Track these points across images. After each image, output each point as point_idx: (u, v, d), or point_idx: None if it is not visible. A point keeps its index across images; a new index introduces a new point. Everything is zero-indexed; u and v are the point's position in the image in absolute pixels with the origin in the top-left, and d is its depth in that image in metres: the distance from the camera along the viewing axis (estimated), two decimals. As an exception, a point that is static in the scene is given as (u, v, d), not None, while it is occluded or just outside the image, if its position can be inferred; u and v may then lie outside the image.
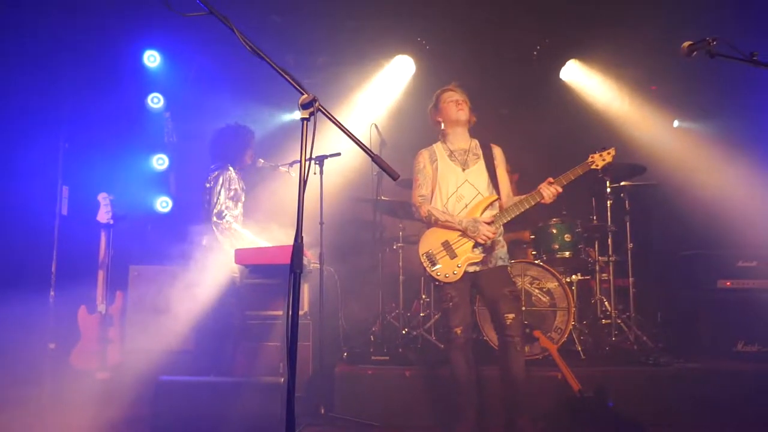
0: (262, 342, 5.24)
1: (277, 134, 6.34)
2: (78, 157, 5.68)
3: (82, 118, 5.76)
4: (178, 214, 6.49)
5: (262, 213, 5.41)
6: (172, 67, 6.59)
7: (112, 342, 5.38)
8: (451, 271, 3.85)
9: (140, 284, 5.59)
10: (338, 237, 5.94)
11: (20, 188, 5.28)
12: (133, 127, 6.50)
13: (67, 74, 5.70)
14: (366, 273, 6.15)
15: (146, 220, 6.48)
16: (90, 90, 5.88)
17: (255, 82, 6.11)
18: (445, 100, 4.07)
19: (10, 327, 4.85)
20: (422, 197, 4.02)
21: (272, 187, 5.89)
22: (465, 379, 3.84)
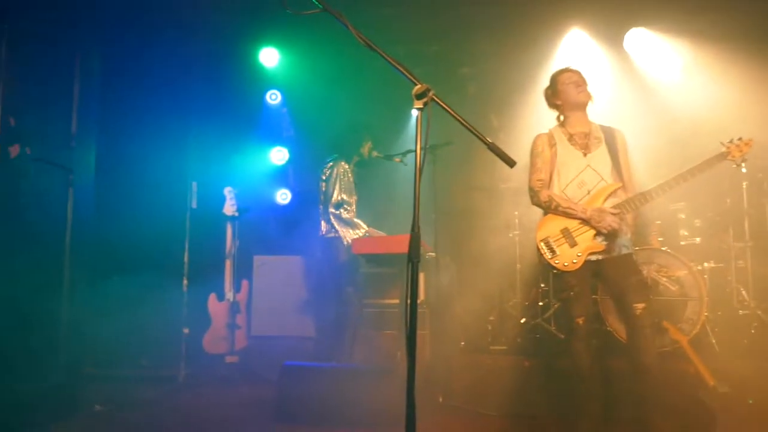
0: (379, 330, 5.35)
1: (389, 125, 6.41)
2: (205, 154, 6.02)
3: (207, 117, 6.10)
4: (298, 206, 6.74)
5: (377, 203, 5.50)
6: (289, 64, 6.82)
7: (239, 328, 5.69)
8: (570, 260, 3.71)
9: (264, 273, 5.87)
10: (453, 226, 5.92)
11: (156, 184, 5.69)
12: (254, 124, 6.82)
13: (193, 76, 6.05)
14: (482, 262, 6.09)
15: (268, 212, 6.78)
16: (213, 90, 6.22)
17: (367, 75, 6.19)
18: (564, 82, 3.88)
19: (149, 313, 5.26)
20: (541, 182, 3.88)
21: (386, 178, 5.98)
22: (587, 370, 3.70)
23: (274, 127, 6.94)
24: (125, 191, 5.62)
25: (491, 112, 5.74)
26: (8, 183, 3.77)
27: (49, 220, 4.31)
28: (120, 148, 5.54)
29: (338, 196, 4.83)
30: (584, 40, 6.38)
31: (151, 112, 5.76)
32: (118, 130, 5.48)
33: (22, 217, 3.98)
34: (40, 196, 4.21)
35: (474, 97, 6.68)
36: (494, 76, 6.56)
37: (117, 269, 5.22)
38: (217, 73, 6.31)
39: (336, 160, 4.96)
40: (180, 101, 5.93)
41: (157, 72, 5.85)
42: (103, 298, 4.83)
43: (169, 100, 5.86)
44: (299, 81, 6.71)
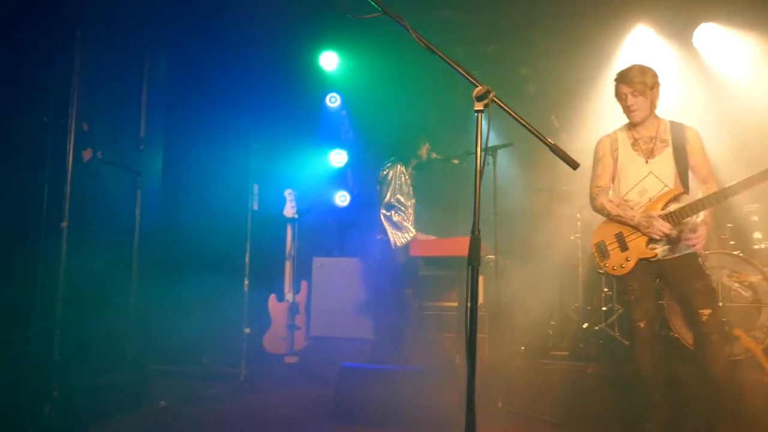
0: (438, 333, 5.34)
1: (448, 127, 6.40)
2: (266, 156, 6.15)
3: (268, 119, 6.23)
4: (357, 208, 6.80)
5: (436, 205, 5.50)
6: (349, 68, 6.90)
7: (298, 328, 5.78)
8: (619, 264, 3.65)
9: (323, 274, 5.94)
10: (514, 228, 5.87)
11: (219, 186, 5.84)
12: (314, 126, 6.92)
13: (255, 80, 6.19)
14: (542, 265, 6.01)
15: (327, 214, 6.87)
16: (274, 92, 6.35)
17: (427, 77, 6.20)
18: (619, 94, 3.78)
19: (213, 312, 5.40)
20: (599, 188, 3.83)
21: (445, 180, 5.97)
22: (651, 376, 3.61)
23: (334, 129, 7.02)
24: (189, 193, 5.77)
25: (552, 112, 5.66)
26: (81, 186, 3.93)
27: (118, 222, 4.48)
28: (185, 151, 5.69)
29: (390, 198, 4.86)
30: (650, 37, 6.22)
31: (214, 115, 5.92)
32: (183, 133, 5.63)
33: (93, 219, 4.15)
34: (110, 198, 4.38)
35: (534, 97, 6.60)
36: (555, 76, 6.47)
37: (181, 269, 5.37)
38: (279, 76, 6.44)
39: (393, 162, 4.98)
40: (242, 104, 6.07)
41: (220, 75, 6.02)
42: (167, 297, 4.98)
43: (232, 103, 6.00)
44: (358, 84, 6.78)
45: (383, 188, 4.89)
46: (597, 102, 5.85)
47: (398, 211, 4.85)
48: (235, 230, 5.72)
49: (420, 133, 5.06)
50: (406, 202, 4.91)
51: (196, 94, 5.83)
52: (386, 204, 4.85)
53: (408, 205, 4.93)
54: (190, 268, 5.30)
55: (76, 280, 3.87)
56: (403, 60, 6.23)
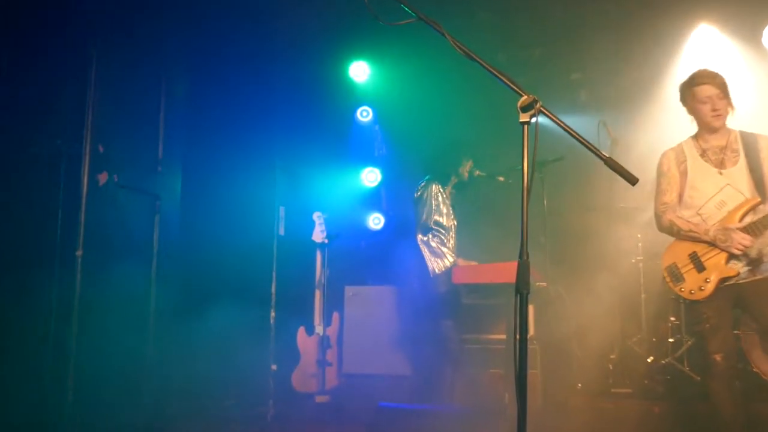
0: (483, 369, 5.29)
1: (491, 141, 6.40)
2: (292, 177, 6.20)
3: (294, 137, 6.29)
4: (392, 232, 6.80)
5: (479, 227, 5.49)
6: (381, 79, 6.95)
7: (330, 365, 5.78)
8: (697, 287, 3.58)
9: (356, 305, 5.95)
10: (566, 251, 5.81)
11: (242, 210, 5.91)
12: (344, 143, 6.97)
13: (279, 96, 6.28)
14: (600, 292, 5.93)
15: (360, 239, 6.89)
16: (300, 108, 6.43)
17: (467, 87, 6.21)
18: (698, 98, 3.72)
19: (237, 347, 5.44)
20: (665, 205, 3.79)
21: (488, 199, 5.95)
22: (730, 416, 3.52)
23: (366, 146, 7.06)
24: (211, 217, 5.84)
25: (607, 122, 5.62)
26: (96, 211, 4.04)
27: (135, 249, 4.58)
28: (205, 173, 5.77)
29: (427, 220, 4.86)
30: (715, 37, 6.15)
31: (236, 133, 6.00)
32: (203, 153, 5.72)
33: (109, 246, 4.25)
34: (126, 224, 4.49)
35: (586, 106, 6.57)
36: (609, 82, 6.43)
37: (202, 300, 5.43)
38: (305, 90, 6.50)
39: (428, 182, 5.00)
40: (266, 122, 6.15)
41: (242, 92, 6.11)
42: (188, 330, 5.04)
43: (255, 122, 6.09)
44: (392, 96, 6.81)
45: (418, 210, 4.91)
46: (657, 109, 5.79)
47: (436, 235, 4.85)
48: (259, 257, 5.77)
49: (461, 149, 5.08)
50: (445, 224, 4.90)
51: (216, 112, 5.93)
52: (422, 227, 4.86)
53: (448, 228, 4.92)
54: (211, 299, 5.35)
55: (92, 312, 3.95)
56: (441, 69, 6.25)
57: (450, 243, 4.92)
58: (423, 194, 4.93)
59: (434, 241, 4.83)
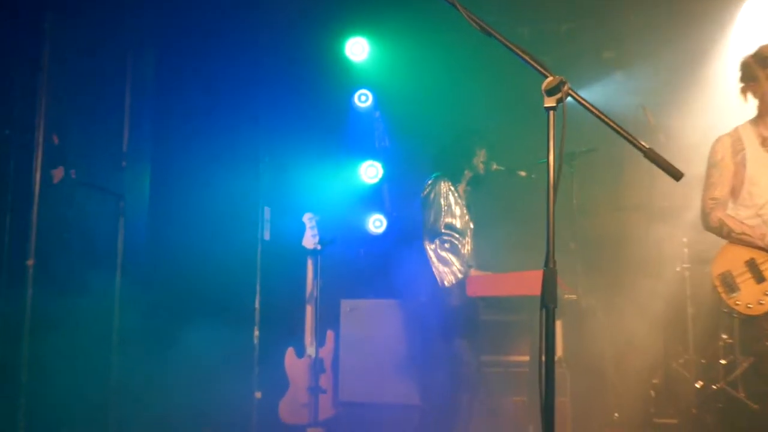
0: (504, 396, 5.29)
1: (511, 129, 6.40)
2: (279, 173, 6.19)
3: (282, 127, 6.29)
4: (396, 236, 6.80)
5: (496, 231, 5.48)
6: (382, 57, 6.93)
7: (324, 392, 5.77)
8: (755, 300, 3.57)
9: (354, 322, 5.94)
10: (600, 258, 5.80)
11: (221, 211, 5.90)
12: (339, 133, 6.96)
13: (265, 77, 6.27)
14: (639, 305, 5.92)
15: (358, 244, 6.89)
16: (288, 92, 6.42)
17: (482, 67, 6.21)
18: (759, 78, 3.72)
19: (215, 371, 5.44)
20: (714, 201, 3.78)
21: (507, 197, 5.94)
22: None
23: (365, 136, 7.05)
24: (184, 220, 5.83)
25: (646, 107, 5.61)
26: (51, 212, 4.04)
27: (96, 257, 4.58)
28: (177, 169, 5.76)
29: (436, 224, 4.85)
30: (771, 7, 6.15)
31: (214, 123, 6.00)
32: (175, 146, 5.72)
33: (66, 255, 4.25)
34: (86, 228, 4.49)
35: (622, 88, 6.55)
36: (648, 60, 6.42)
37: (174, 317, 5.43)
38: (294, 72, 6.51)
39: (437, 179, 4.99)
40: (249, 109, 6.15)
41: (221, 75, 6.10)
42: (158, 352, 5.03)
43: (236, 109, 6.09)
44: (395, 77, 6.79)
45: (425, 212, 4.90)
46: (705, 91, 5.79)
47: (447, 240, 4.85)
48: (241, 266, 5.77)
49: (475, 139, 5.07)
50: (459, 227, 4.89)
51: (191, 97, 5.91)
52: (430, 231, 4.85)
53: (462, 231, 4.91)
54: (185, 315, 5.35)
55: (46, 332, 3.95)
56: (452, 46, 6.24)
57: (466, 249, 4.91)
58: (430, 194, 4.92)
59: (445, 248, 4.83)
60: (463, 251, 4.88)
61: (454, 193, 4.94)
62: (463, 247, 4.88)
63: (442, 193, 4.89)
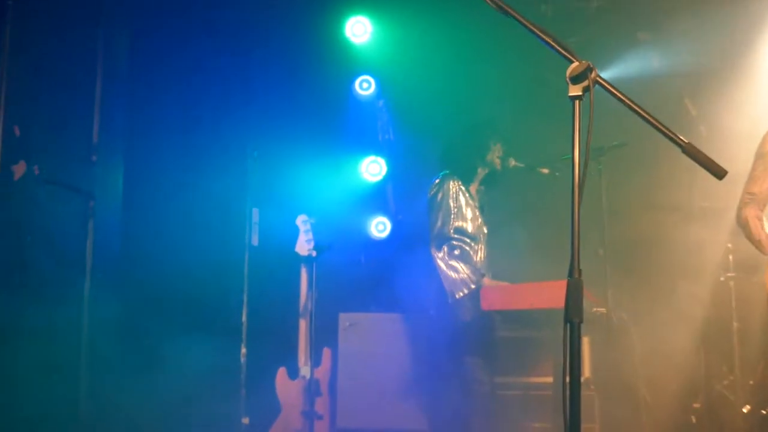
0: (522, 422, 5.28)
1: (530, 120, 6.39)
2: (269, 169, 6.19)
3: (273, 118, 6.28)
4: (401, 241, 6.79)
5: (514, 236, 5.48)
6: (386, 39, 6.91)
7: (320, 417, 5.77)
8: (813, 315, 3.59)
9: (354, 338, 5.94)
10: (632, 266, 5.80)
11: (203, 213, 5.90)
12: (338, 124, 6.96)
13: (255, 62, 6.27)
14: (678, 320, 5.92)
15: (358, 250, 6.88)
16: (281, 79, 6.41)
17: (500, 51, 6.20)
18: None
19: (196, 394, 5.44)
20: (751, 196, 3.83)
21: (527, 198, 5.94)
22: None
23: (367, 128, 7.05)
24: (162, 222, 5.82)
25: (686, 96, 5.61)
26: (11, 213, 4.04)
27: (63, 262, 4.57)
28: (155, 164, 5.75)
29: (444, 228, 4.85)
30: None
31: (196, 114, 6.00)
32: (152, 139, 5.71)
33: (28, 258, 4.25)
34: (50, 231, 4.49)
35: (659, 74, 6.54)
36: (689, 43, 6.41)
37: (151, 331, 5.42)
38: (288, 56, 6.50)
39: (445, 177, 4.99)
40: (236, 98, 6.14)
41: (205, 59, 6.10)
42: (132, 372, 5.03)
43: (222, 98, 6.09)
44: (401, 62, 6.79)
45: (432, 215, 4.91)
46: (753, 78, 5.78)
47: (457, 246, 4.85)
48: (226, 275, 5.76)
49: (491, 132, 5.07)
50: (471, 232, 4.90)
51: (170, 85, 5.90)
52: (438, 237, 4.85)
53: (475, 236, 4.92)
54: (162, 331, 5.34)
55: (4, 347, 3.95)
56: (464, 27, 6.24)
57: (479, 256, 4.91)
58: (438, 194, 4.92)
59: (455, 255, 4.83)
60: (475, 258, 4.88)
61: (465, 193, 4.94)
62: (475, 254, 4.88)
63: (451, 194, 4.89)
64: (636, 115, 2.37)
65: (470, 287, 4.73)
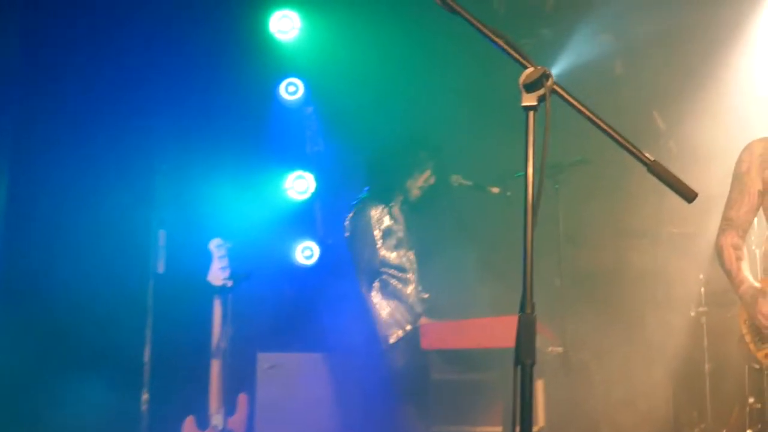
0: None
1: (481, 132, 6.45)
2: (179, 186, 6.14)
3: (184, 126, 6.24)
4: (330, 269, 6.77)
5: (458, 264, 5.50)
6: (316, 37, 6.93)
7: (234, 476, 5.72)
8: (791, 356, 3.68)
9: (274, 382, 5.90)
10: (593, 299, 5.86)
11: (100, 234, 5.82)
12: (259, 133, 6.93)
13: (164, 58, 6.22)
14: (644, 359, 6.01)
15: (282, 280, 6.84)
16: (194, 79, 6.37)
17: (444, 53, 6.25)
18: None
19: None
20: (728, 222, 3.91)
21: (473, 221, 5.98)
22: None
23: (293, 137, 7.04)
24: (51, 243, 5.76)
25: (653, 107, 5.71)
26: None
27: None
28: (44, 176, 5.69)
29: (371, 259, 4.87)
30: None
31: (94, 117, 5.94)
32: (42, 148, 5.65)
33: None
34: None
35: (623, 81, 6.67)
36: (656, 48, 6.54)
37: (33, 370, 5.33)
38: (202, 53, 6.46)
39: (365, 202, 5.01)
40: (142, 100, 6.09)
41: (109, 59, 6.04)
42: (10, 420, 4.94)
43: (125, 99, 6.03)
44: (333, 64, 6.80)
45: (355, 248, 4.91)
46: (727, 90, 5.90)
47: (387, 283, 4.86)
48: (126, 307, 5.70)
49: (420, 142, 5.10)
50: (401, 263, 4.91)
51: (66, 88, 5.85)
52: (365, 272, 4.86)
53: (405, 267, 4.94)
54: (48, 371, 5.26)
55: None
56: (405, 25, 6.29)
57: (411, 289, 4.93)
58: (359, 222, 4.93)
59: (387, 292, 4.84)
60: (407, 292, 4.89)
61: (390, 217, 4.96)
62: (408, 286, 4.90)
63: (374, 221, 4.90)
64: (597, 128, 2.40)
65: (405, 329, 4.74)
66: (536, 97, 2.32)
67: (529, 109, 2.33)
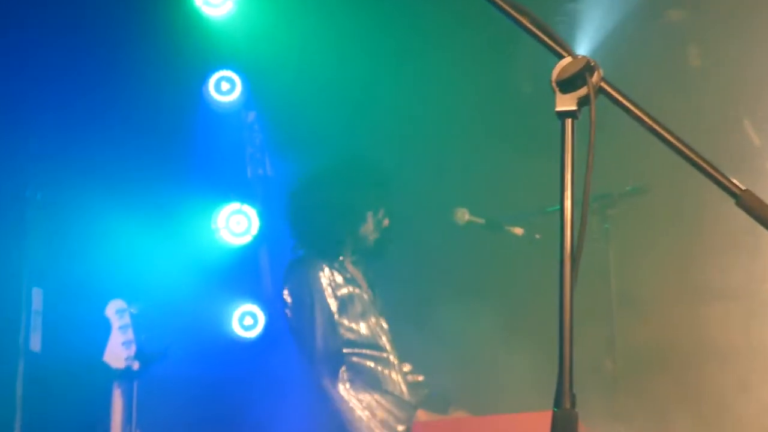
0: None
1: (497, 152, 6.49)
2: (59, 224, 6.14)
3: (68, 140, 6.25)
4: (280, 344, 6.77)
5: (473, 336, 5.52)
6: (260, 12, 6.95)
7: None
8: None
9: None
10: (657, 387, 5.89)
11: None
12: (179, 151, 6.94)
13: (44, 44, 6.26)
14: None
15: (210, 360, 6.82)
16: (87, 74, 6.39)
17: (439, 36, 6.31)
18: None
19: None
20: None
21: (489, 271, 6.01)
22: None
23: (228, 156, 7.04)
24: None
25: (743, 114, 5.77)
26: None
27: None
28: None
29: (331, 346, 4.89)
30: None
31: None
32: None
33: None
34: None
35: (700, 77, 6.73)
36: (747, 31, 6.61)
37: None
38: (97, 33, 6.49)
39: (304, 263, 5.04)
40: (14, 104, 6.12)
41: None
42: None
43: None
44: (283, 49, 6.84)
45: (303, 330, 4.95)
46: None
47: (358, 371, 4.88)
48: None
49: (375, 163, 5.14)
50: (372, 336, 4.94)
51: None
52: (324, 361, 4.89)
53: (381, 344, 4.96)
54: None
55: None
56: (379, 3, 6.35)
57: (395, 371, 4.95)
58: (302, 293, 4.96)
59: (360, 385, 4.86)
60: (391, 377, 4.90)
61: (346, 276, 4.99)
62: (388, 369, 4.91)
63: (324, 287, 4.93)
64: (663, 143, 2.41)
65: (396, 430, 4.76)
66: (576, 99, 2.30)
67: (566, 116, 2.30)
